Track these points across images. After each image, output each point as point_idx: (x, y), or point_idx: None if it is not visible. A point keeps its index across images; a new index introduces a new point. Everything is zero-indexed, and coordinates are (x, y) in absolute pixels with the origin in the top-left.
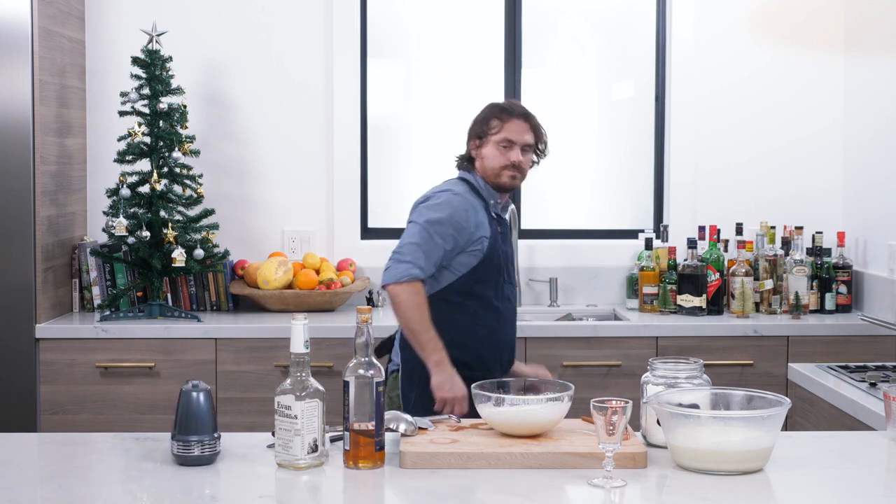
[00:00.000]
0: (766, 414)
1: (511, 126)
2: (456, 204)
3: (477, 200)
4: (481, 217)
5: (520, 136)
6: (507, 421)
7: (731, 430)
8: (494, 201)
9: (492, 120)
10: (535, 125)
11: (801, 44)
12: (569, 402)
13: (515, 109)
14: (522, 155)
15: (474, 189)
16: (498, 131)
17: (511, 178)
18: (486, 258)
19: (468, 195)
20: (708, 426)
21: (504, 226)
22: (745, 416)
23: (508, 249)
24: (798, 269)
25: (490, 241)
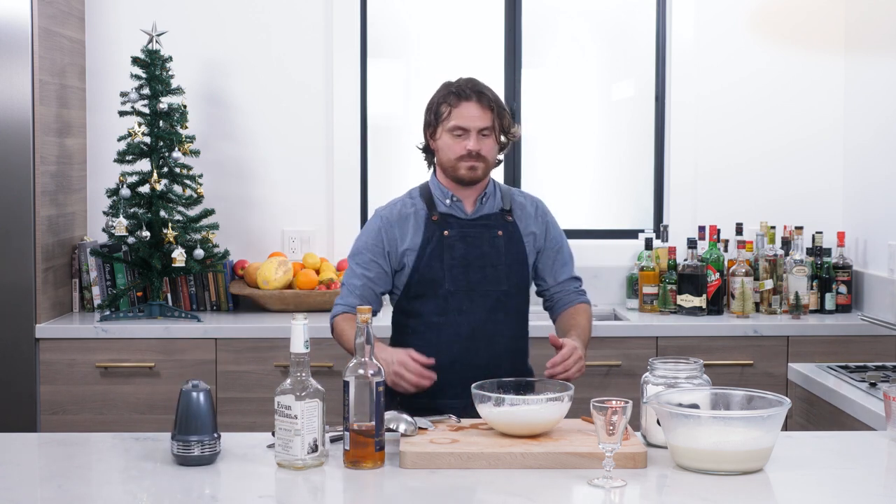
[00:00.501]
0: (765, 414)
1: (462, 110)
2: (370, 227)
3: (413, 208)
4: (406, 229)
5: (473, 120)
6: (507, 421)
7: (731, 430)
8: (452, 200)
9: (441, 105)
10: (491, 104)
11: (801, 44)
12: (569, 402)
13: (465, 90)
14: (480, 141)
15: (422, 192)
16: (447, 117)
17: (469, 169)
18: (413, 272)
19: (395, 208)
20: (708, 426)
21: (471, 224)
22: (745, 416)
23: (475, 250)
24: (798, 269)
25: (419, 251)
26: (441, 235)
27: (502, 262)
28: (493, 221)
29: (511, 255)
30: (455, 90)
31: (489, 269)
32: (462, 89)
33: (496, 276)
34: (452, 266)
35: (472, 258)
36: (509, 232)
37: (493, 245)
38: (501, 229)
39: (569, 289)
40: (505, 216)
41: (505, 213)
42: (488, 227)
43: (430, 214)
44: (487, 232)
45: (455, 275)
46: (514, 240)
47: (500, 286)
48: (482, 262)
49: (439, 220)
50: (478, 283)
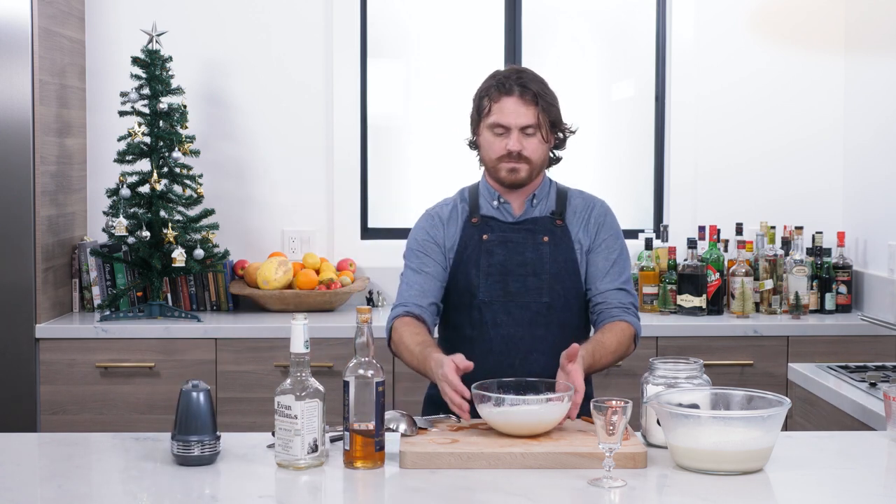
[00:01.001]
0: (766, 414)
1: (503, 105)
2: (418, 227)
3: (458, 209)
4: (450, 231)
5: (515, 117)
6: (506, 421)
7: (731, 430)
8: (499, 201)
9: (483, 99)
10: (536, 99)
11: (801, 44)
12: (569, 402)
13: (508, 83)
14: (525, 139)
15: (470, 192)
16: (488, 113)
17: (510, 171)
18: (450, 280)
19: (444, 207)
20: (708, 426)
21: (514, 228)
22: (746, 416)
23: (516, 257)
24: (798, 269)
25: (455, 257)
26: (479, 239)
27: (546, 272)
28: (539, 226)
29: (557, 263)
30: (497, 82)
31: (530, 279)
32: (504, 81)
33: (538, 286)
34: (489, 274)
35: (512, 266)
36: (557, 237)
37: (536, 252)
38: (548, 234)
39: (612, 301)
40: (555, 220)
41: (555, 217)
42: (533, 232)
43: (470, 216)
44: (532, 237)
45: (491, 283)
46: (562, 247)
47: (542, 298)
48: (523, 270)
49: (479, 223)
50: (517, 293)
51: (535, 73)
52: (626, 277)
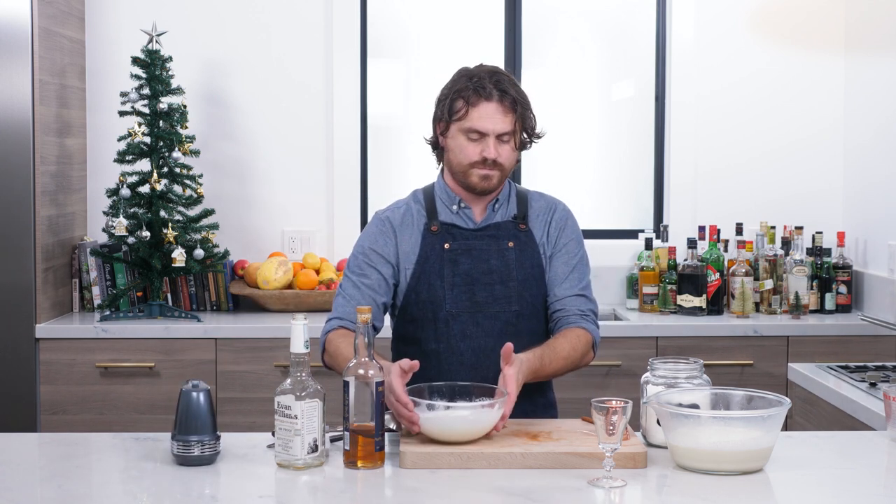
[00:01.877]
0: (766, 414)
1: (481, 111)
2: (368, 231)
3: (413, 214)
4: (405, 238)
5: (492, 124)
6: (440, 428)
7: (731, 430)
8: (459, 206)
9: (457, 101)
10: (514, 105)
11: (801, 44)
12: (500, 409)
13: (486, 87)
14: (499, 146)
15: (425, 196)
16: (463, 116)
17: (483, 178)
18: (409, 292)
19: (396, 211)
20: (708, 426)
21: (477, 235)
22: (746, 416)
23: (482, 265)
24: (798, 269)
25: (415, 268)
26: (441, 249)
27: (514, 279)
28: (503, 231)
29: (524, 269)
30: (475, 85)
31: (498, 287)
32: (483, 84)
33: (506, 294)
34: (454, 284)
35: (478, 274)
36: (522, 242)
37: (502, 259)
38: (513, 240)
39: (571, 308)
40: (517, 224)
41: (517, 221)
42: (497, 238)
43: (429, 224)
44: (496, 244)
45: (457, 294)
46: (527, 252)
47: (511, 306)
48: (490, 278)
49: (439, 231)
50: (485, 303)
51: (508, 73)
52: (586, 283)
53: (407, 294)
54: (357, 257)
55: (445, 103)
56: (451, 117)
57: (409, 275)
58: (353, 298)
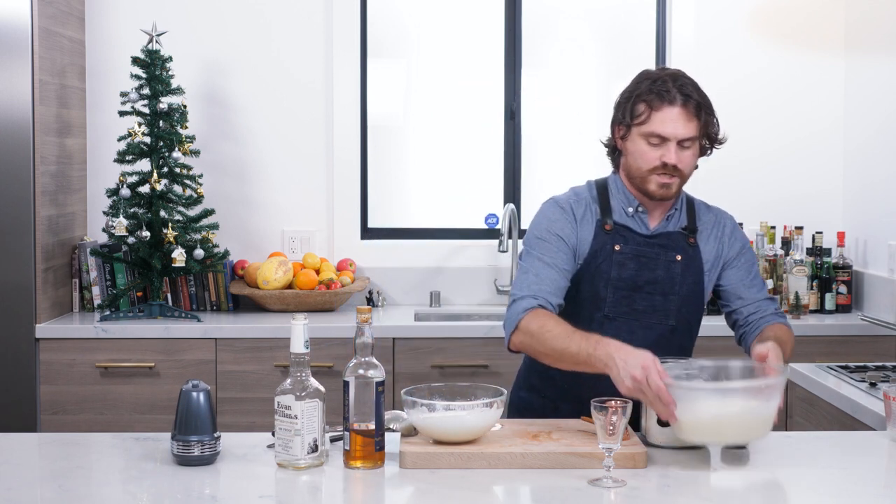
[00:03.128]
0: (763, 384)
1: (664, 115)
2: (551, 212)
3: (588, 207)
4: (582, 231)
5: (675, 129)
6: (437, 427)
7: (730, 401)
8: (637, 210)
9: (638, 104)
10: (699, 110)
11: (801, 44)
12: (498, 408)
13: (671, 91)
14: (681, 152)
15: (599, 191)
16: (645, 121)
17: (662, 186)
18: (572, 286)
19: (577, 201)
20: (707, 399)
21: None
22: (745, 386)
23: (647, 273)
24: (798, 269)
25: (584, 263)
26: (612, 249)
27: (675, 293)
28: (672, 242)
29: (687, 285)
30: (658, 89)
31: (658, 298)
32: (667, 89)
33: (665, 307)
34: (618, 288)
35: (643, 282)
36: (689, 257)
37: (668, 271)
38: (681, 253)
39: (766, 310)
40: (687, 237)
41: (687, 234)
42: (667, 249)
43: (603, 221)
44: (665, 254)
45: (618, 298)
46: (692, 268)
47: (668, 320)
48: (652, 288)
49: (612, 231)
50: (643, 312)
51: (691, 77)
52: (766, 285)
53: (570, 288)
54: (541, 240)
55: (626, 106)
56: (633, 121)
57: (577, 270)
58: (547, 278)
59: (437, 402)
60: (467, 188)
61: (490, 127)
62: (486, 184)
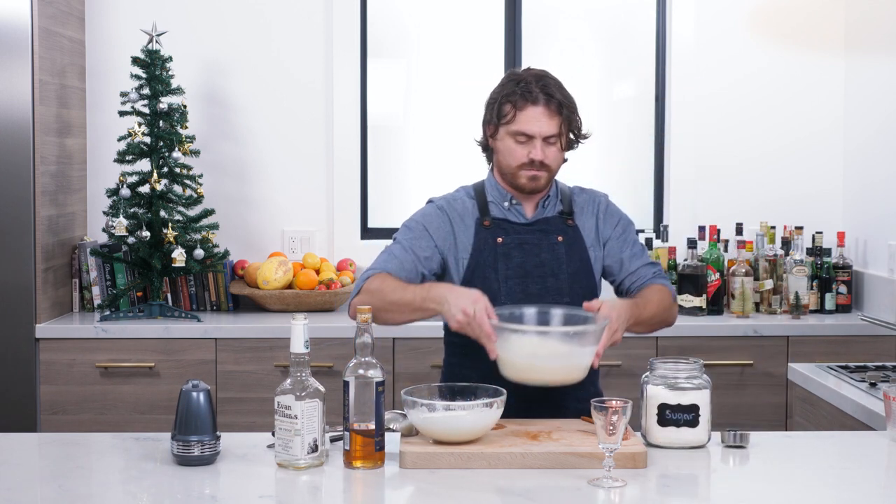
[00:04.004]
0: (578, 330)
1: (528, 114)
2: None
3: (467, 208)
4: (460, 229)
5: (539, 127)
6: (437, 427)
7: (546, 343)
8: (511, 203)
9: (505, 105)
10: (560, 108)
11: (801, 44)
12: (499, 408)
13: (533, 92)
14: (546, 148)
15: (477, 192)
16: (511, 120)
17: (531, 179)
18: (464, 284)
19: (454, 202)
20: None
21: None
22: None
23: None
24: (798, 269)
25: (470, 261)
26: (494, 243)
27: (563, 272)
28: (552, 226)
29: (574, 262)
30: (521, 89)
31: (549, 280)
32: (529, 88)
33: (557, 287)
34: (508, 277)
35: (530, 267)
36: (570, 237)
37: (552, 252)
38: (562, 234)
39: (647, 273)
40: (565, 220)
41: (565, 217)
42: (547, 233)
43: (481, 219)
44: (546, 238)
45: (511, 287)
46: (575, 246)
47: (563, 298)
48: (541, 271)
49: (492, 226)
50: (537, 295)
51: (555, 77)
52: (647, 256)
53: (462, 285)
54: (410, 229)
55: (494, 107)
56: (500, 121)
57: (464, 267)
58: (397, 259)
59: (437, 402)
60: None
61: None
62: None
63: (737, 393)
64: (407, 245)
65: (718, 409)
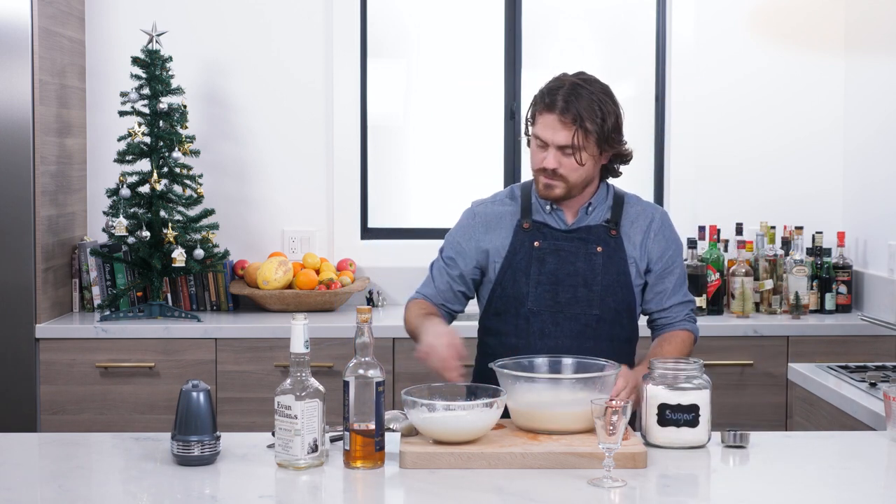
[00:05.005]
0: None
1: (545, 120)
2: (462, 222)
3: (509, 208)
4: (497, 232)
5: (552, 135)
6: (437, 427)
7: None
8: (552, 207)
9: (535, 106)
10: (576, 119)
11: (801, 44)
12: (499, 408)
13: (555, 98)
14: (562, 158)
15: (523, 192)
16: (534, 124)
17: (545, 186)
18: (496, 286)
19: (492, 206)
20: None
21: (566, 237)
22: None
23: (568, 266)
24: (798, 269)
25: (504, 262)
26: (531, 246)
27: (597, 283)
28: (593, 235)
29: (610, 275)
30: (547, 91)
31: (581, 290)
32: (553, 94)
33: (588, 297)
34: (539, 283)
35: (563, 275)
36: (611, 248)
37: (589, 262)
38: (602, 245)
39: (675, 316)
40: (609, 230)
41: (610, 227)
42: (586, 242)
43: (521, 221)
44: (585, 247)
45: (540, 293)
46: (615, 258)
47: (592, 310)
48: (574, 280)
49: (531, 229)
50: (566, 304)
51: (594, 87)
52: (686, 286)
53: (493, 288)
54: (449, 245)
55: (530, 108)
56: (529, 121)
57: (498, 269)
58: (433, 283)
59: (437, 402)
60: (467, 188)
61: (490, 127)
62: (486, 184)
63: (737, 393)
64: (442, 266)
65: (718, 409)
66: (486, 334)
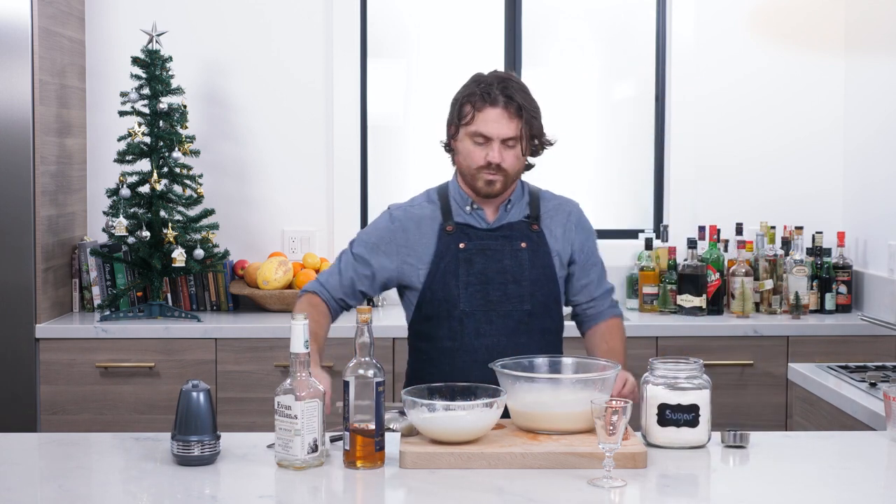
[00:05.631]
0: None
1: (486, 115)
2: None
3: (429, 212)
4: (419, 236)
5: (498, 129)
6: (437, 427)
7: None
8: (472, 207)
9: (465, 105)
10: (520, 111)
11: (801, 44)
12: (499, 408)
13: (493, 92)
14: (504, 152)
15: (440, 195)
16: (470, 121)
17: (487, 183)
18: (425, 290)
19: (411, 209)
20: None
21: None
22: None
23: (495, 265)
24: (798, 269)
25: (431, 267)
26: (456, 249)
27: (525, 278)
28: (516, 231)
29: (536, 269)
30: (482, 90)
31: (511, 286)
32: (489, 90)
33: (519, 293)
34: (469, 283)
35: (492, 274)
36: (534, 243)
37: (515, 259)
38: (525, 240)
39: (602, 305)
40: (530, 225)
41: (530, 222)
42: (510, 239)
43: (444, 224)
44: (509, 244)
45: (471, 293)
46: (539, 252)
47: (523, 305)
48: (503, 278)
49: (455, 231)
50: (498, 302)
51: (519, 80)
52: (606, 274)
53: (423, 292)
54: (362, 243)
55: (456, 107)
56: (460, 121)
57: (424, 274)
58: (338, 276)
59: (437, 402)
60: None
61: None
62: None
63: (737, 393)
64: (352, 261)
65: (718, 409)
66: (419, 339)
